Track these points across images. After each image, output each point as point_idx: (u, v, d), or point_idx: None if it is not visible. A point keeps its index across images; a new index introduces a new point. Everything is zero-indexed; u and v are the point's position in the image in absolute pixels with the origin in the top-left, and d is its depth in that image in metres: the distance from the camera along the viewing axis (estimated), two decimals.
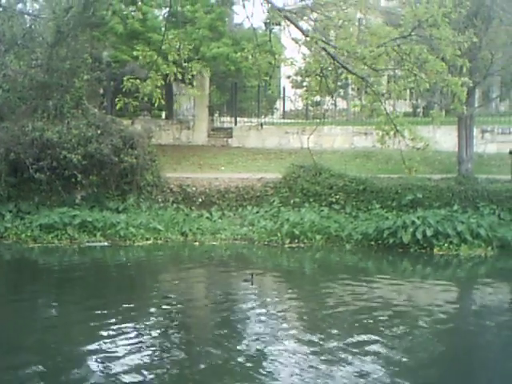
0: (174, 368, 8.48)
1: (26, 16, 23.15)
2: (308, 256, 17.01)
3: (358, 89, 29.61)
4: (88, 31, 24.09)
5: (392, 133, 9.94)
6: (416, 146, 10.28)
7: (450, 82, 9.94)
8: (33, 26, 22.36)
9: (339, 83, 11.85)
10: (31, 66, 20.81)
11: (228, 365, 8.57)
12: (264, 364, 8.52)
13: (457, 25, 14.66)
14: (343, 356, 8.78)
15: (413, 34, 9.84)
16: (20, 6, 24.02)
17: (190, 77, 10.21)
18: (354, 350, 9.02)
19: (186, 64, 10.22)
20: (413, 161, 11.04)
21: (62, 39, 20.52)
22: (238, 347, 9.28)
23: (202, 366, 8.50)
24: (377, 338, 9.66)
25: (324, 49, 9.41)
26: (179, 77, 10.38)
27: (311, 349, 9.09)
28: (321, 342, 9.43)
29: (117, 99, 10.46)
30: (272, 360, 8.64)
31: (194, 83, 12.08)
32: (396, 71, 10.93)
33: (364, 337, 9.73)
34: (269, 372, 8.21)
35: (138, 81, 10.18)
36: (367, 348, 9.15)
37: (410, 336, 9.93)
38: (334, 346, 9.27)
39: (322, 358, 8.70)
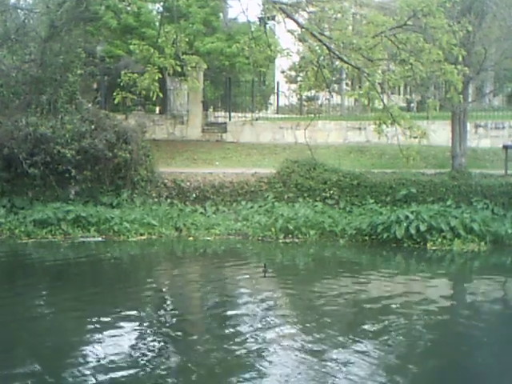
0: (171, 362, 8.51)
1: (19, 10, 23.05)
2: (302, 251, 17.01)
3: (352, 83, 29.64)
4: (81, 26, 24.07)
5: (389, 122, 9.95)
6: (413, 135, 10.28)
7: (446, 70, 9.93)
8: (26, 21, 22.27)
9: (334, 78, 11.85)
10: (24, 61, 20.73)
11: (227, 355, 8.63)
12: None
13: (451, 19, 14.67)
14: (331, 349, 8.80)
15: (408, 23, 9.83)
16: (13, 0, 23.95)
17: (189, 68, 10.21)
18: (344, 343, 9.07)
19: (183, 56, 10.22)
20: (410, 150, 11.06)
21: (56, 34, 20.46)
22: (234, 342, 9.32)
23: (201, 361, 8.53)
24: (367, 330, 9.71)
25: (320, 40, 9.41)
26: (178, 69, 10.37)
27: (300, 343, 9.09)
28: (309, 336, 9.45)
29: (114, 93, 10.45)
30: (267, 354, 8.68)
31: (193, 75, 12.10)
32: (392, 62, 10.91)
33: (354, 329, 9.76)
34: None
35: (135, 75, 10.17)
36: (357, 340, 9.18)
37: (401, 330, 9.95)
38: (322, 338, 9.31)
39: (310, 352, 8.69)
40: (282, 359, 8.43)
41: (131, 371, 7.98)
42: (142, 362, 8.33)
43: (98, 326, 10.02)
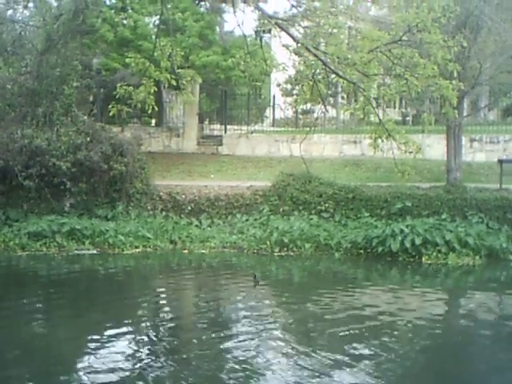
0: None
1: (15, 23, 23.09)
2: (297, 264, 16.97)
3: (347, 96, 29.74)
4: (78, 38, 24.09)
5: (384, 137, 9.98)
6: (408, 150, 10.31)
7: (441, 85, 9.97)
8: (23, 33, 22.35)
9: (329, 91, 11.88)
10: (21, 73, 20.75)
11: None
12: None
13: (446, 34, 14.75)
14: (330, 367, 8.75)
15: (403, 38, 9.88)
16: (10, 12, 24.00)
17: (184, 82, 10.23)
18: (342, 360, 9.01)
19: (179, 70, 10.25)
20: (405, 165, 11.10)
21: (52, 46, 20.50)
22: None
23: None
24: (363, 347, 9.65)
25: (315, 55, 9.44)
26: (173, 83, 10.39)
27: (299, 362, 9.02)
28: (307, 351, 9.40)
29: (110, 106, 10.46)
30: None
31: (189, 89, 12.15)
32: (387, 77, 10.96)
33: (350, 346, 9.71)
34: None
35: (131, 88, 10.19)
36: (354, 358, 9.13)
37: (396, 345, 9.90)
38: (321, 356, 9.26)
39: (308, 370, 8.63)
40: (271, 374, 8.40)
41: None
42: (135, 374, 8.29)
43: (91, 338, 9.99)
